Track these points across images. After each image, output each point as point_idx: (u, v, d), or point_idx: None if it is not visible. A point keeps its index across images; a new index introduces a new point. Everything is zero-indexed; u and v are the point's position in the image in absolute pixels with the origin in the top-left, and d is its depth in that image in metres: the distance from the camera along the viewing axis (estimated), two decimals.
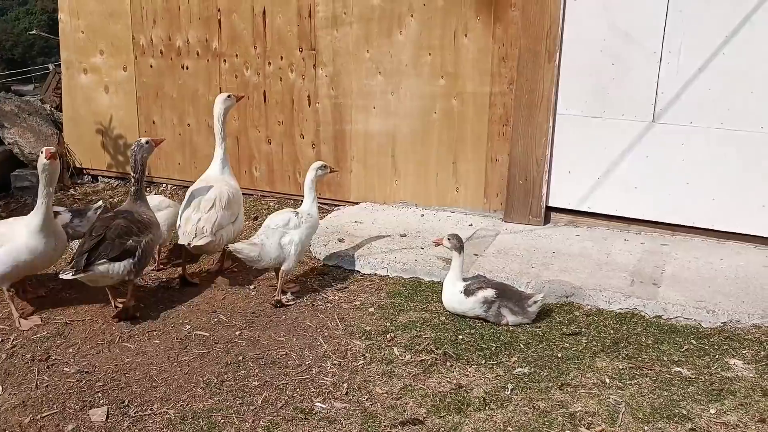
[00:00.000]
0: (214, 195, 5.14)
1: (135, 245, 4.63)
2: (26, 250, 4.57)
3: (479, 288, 4.68)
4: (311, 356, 4.27)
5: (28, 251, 4.58)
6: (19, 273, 4.68)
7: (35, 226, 4.58)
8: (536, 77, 5.88)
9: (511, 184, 6.17)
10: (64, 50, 7.60)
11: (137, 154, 4.93)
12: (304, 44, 6.63)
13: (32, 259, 4.61)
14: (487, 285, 4.70)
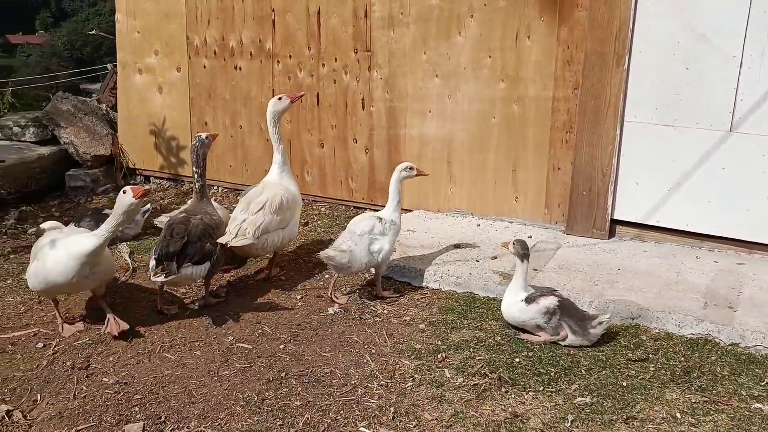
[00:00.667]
0: (266, 198, 5.02)
1: (212, 248, 4.64)
2: (57, 273, 4.23)
3: (542, 295, 4.40)
4: (357, 375, 4.04)
5: (59, 274, 4.24)
6: (51, 292, 4.45)
7: (81, 252, 4.20)
8: (603, 82, 5.53)
9: (574, 194, 5.83)
10: (120, 50, 7.58)
11: (198, 150, 4.95)
12: (359, 45, 6.42)
13: (62, 283, 4.27)
14: (551, 293, 4.43)
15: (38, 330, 4.54)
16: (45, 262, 4.24)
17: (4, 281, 5.28)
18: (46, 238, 4.44)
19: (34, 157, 7.25)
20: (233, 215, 5.05)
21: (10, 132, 7.64)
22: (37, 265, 4.29)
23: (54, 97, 7.79)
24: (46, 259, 4.24)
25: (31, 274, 4.35)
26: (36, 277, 4.30)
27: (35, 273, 4.31)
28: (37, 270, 4.28)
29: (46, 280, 4.26)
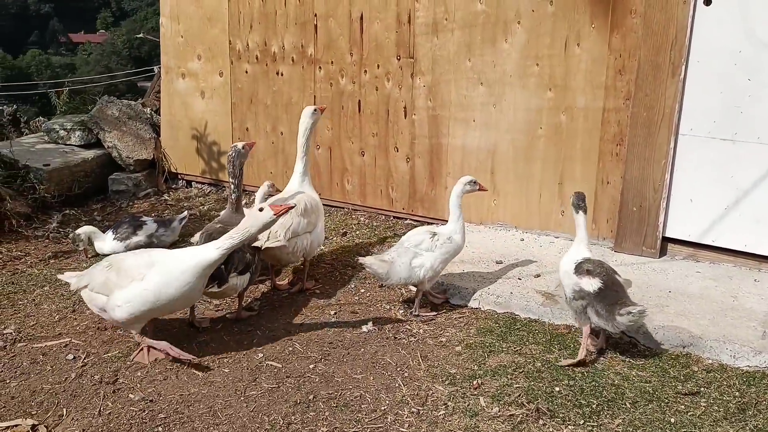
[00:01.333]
0: (290, 202, 4.91)
1: (252, 258, 4.61)
2: (174, 288, 3.94)
3: (588, 273, 4.21)
4: (388, 400, 3.87)
5: (176, 289, 3.94)
6: (153, 314, 4.11)
7: (202, 264, 3.95)
8: (657, 92, 5.23)
9: (623, 209, 5.54)
10: (164, 54, 7.56)
11: (235, 160, 4.87)
12: (401, 52, 6.24)
13: (176, 300, 4.00)
14: (599, 276, 4.17)
15: (70, 340, 4.51)
16: (153, 280, 3.91)
17: (41, 288, 5.27)
18: (130, 259, 4.06)
19: (78, 160, 7.28)
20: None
21: (57, 135, 7.70)
22: (139, 286, 3.92)
23: (99, 101, 7.83)
24: (154, 276, 3.92)
25: (123, 299, 3.96)
26: (135, 300, 3.93)
27: (134, 296, 3.93)
28: (140, 292, 3.92)
29: (157, 298, 3.92)
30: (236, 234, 3.96)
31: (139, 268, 3.95)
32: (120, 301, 3.95)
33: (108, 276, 4.03)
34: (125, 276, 3.97)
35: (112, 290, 3.99)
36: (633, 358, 4.26)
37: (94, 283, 4.10)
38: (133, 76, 40.17)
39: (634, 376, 4.07)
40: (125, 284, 3.96)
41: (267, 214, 3.96)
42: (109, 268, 4.07)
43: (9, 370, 4.17)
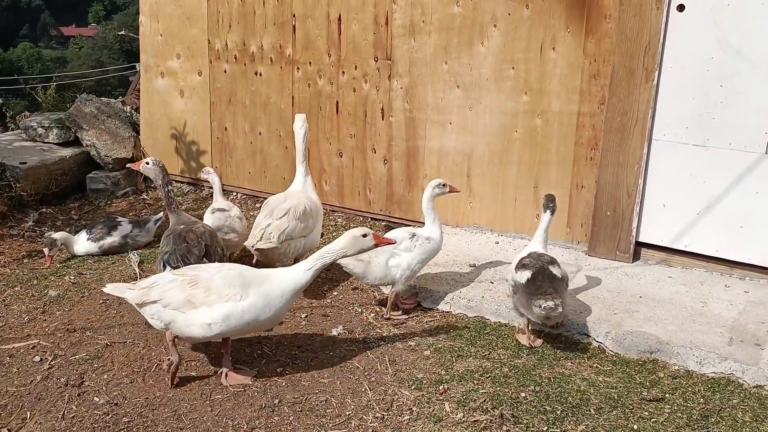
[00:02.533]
0: (290, 205, 5.04)
1: (222, 252, 4.72)
2: (273, 309, 3.91)
3: (523, 267, 4.44)
4: (353, 405, 3.87)
5: (275, 310, 3.91)
6: (239, 334, 4.08)
7: (296, 287, 3.94)
8: (631, 97, 5.24)
9: (597, 214, 5.56)
10: (144, 53, 7.53)
11: (162, 172, 4.97)
12: (379, 53, 6.24)
13: (269, 322, 4.00)
14: (530, 267, 4.39)
15: (38, 342, 4.49)
16: (254, 303, 3.84)
17: (12, 288, 5.25)
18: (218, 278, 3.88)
19: (55, 158, 7.24)
20: (257, 221, 5.08)
21: (35, 133, 7.66)
22: (236, 307, 3.82)
23: (78, 99, 7.79)
24: (255, 299, 3.84)
25: (213, 318, 3.82)
26: (231, 319, 3.82)
27: (229, 316, 3.81)
28: (238, 313, 3.82)
29: (255, 320, 3.86)
30: (329, 254, 3.93)
31: (233, 288, 3.83)
32: (210, 319, 3.80)
33: (192, 293, 3.84)
34: (216, 295, 3.82)
35: (197, 308, 3.83)
36: (600, 364, 4.28)
37: (169, 300, 3.87)
38: (124, 71, 39.92)
39: (600, 381, 4.09)
40: (216, 303, 3.82)
41: (369, 242, 3.94)
42: (192, 285, 3.86)
43: None
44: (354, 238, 3.92)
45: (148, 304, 3.92)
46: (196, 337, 3.90)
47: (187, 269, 4.08)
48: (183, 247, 4.51)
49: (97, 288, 5.24)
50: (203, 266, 4.09)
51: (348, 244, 3.92)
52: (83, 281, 5.39)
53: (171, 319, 3.88)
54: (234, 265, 4.07)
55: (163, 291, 3.89)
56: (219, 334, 3.86)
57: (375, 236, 3.97)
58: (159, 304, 3.89)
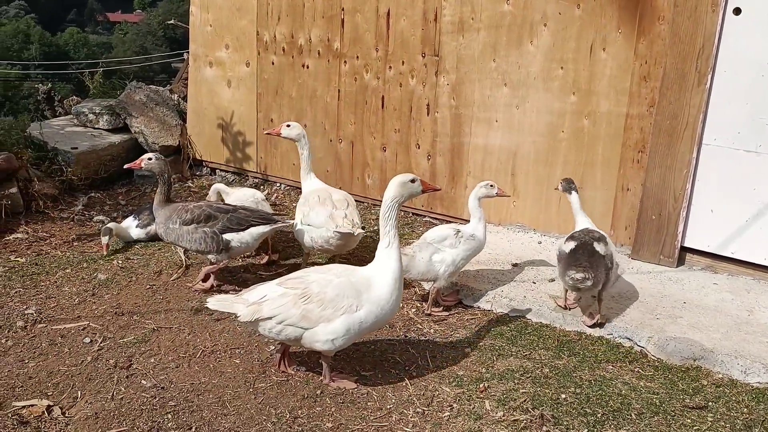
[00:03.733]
0: (342, 195, 5.18)
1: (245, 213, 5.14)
2: (388, 309, 3.84)
3: (570, 238, 4.67)
4: (394, 399, 3.91)
5: (389, 309, 3.85)
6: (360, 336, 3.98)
7: (398, 276, 3.84)
8: (682, 101, 5.18)
9: (642, 217, 5.51)
10: (193, 43, 7.65)
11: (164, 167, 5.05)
12: (427, 49, 6.25)
13: (387, 319, 3.93)
14: (576, 240, 4.63)
15: (88, 324, 4.62)
16: (370, 311, 3.79)
17: (63, 270, 5.40)
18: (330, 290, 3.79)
19: (105, 144, 7.41)
20: (325, 212, 4.96)
21: (86, 119, 7.83)
22: (354, 319, 3.76)
23: (128, 86, 7.94)
24: (370, 307, 3.79)
25: (335, 333, 3.77)
26: (351, 332, 3.79)
27: (349, 328, 3.77)
28: (357, 326, 3.78)
29: (373, 325, 3.85)
30: (387, 211, 3.83)
31: (347, 298, 3.77)
32: (332, 335, 3.76)
33: (308, 308, 3.76)
34: (332, 308, 3.76)
35: (317, 323, 3.77)
36: (642, 369, 4.26)
37: (284, 316, 3.79)
38: (167, 58, 40.49)
39: (642, 386, 4.07)
40: (333, 317, 3.76)
41: (417, 187, 3.88)
42: (306, 301, 3.78)
43: (28, 350, 4.29)
44: (402, 184, 3.85)
45: (262, 320, 3.83)
46: (324, 350, 3.85)
47: (293, 280, 3.93)
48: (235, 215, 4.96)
49: (144, 273, 5.37)
50: (310, 276, 3.91)
51: (398, 191, 3.84)
52: (130, 266, 5.52)
53: (296, 335, 3.82)
54: (339, 270, 3.93)
55: (276, 307, 3.80)
56: (342, 345, 3.84)
57: (422, 182, 3.91)
58: (274, 320, 3.81)
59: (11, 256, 5.59)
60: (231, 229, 4.93)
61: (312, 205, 5.06)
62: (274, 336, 3.89)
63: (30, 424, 3.61)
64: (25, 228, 6.13)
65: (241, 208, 5.09)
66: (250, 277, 5.43)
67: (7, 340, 4.37)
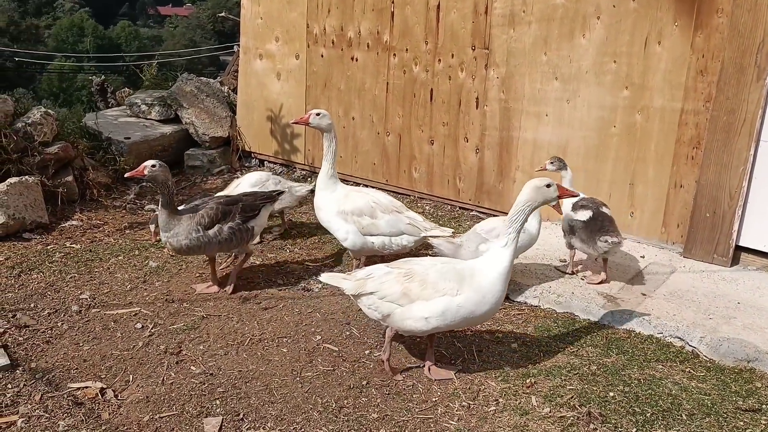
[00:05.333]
0: (386, 197, 5.15)
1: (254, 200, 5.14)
2: (490, 301, 3.78)
3: (582, 207, 4.91)
4: (439, 392, 3.91)
5: (492, 301, 3.78)
6: (456, 327, 3.96)
7: (506, 271, 3.77)
8: (739, 96, 5.05)
9: (696, 215, 5.39)
10: (243, 36, 7.73)
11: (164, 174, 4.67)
12: (477, 42, 6.20)
13: (488, 312, 3.84)
14: (589, 208, 4.87)
15: (140, 310, 4.71)
16: (470, 298, 3.74)
17: (116, 257, 5.52)
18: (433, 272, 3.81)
19: (156, 135, 7.55)
20: (407, 215, 4.99)
21: (138, 110, 7.99)
22: (452, 302, 3.74)
23: (179, 78, 8.07)
24: (470, 294, 3.74)
25: (431, 312, 3.76)
26: (448, 314, 3.76)
27: (446, 311, 3.75)
28: (454, 308, 3.75)
29: (471, 314, 3.77)
30: (516, 214, 3.75)
31: (448, 282, 3.77)
32: (428, 313, 3.76)
33: (408, 287, 3.80)
34: (432, 289, 3.77)
35: (414, 301, 3.80)
36: (694, 369, 4.17)
37: (385, 292, 3.85)
38: (215, 51, 41.02)
39: (693, 387, 3.99)
40: (432, 297, 3.77)
41: (553, 193, 3.74)
42: (408, 279, 3.82)
43: (83, 333, 4.40)
44: (537, 189, 3.72)
45: (364, 295, 3.92)
46: (413, 330, 3.85)
47: (401, 262, 3.99)
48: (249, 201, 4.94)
49: (194, 261, 5.45)
50: (417, 259, 4.01)
51: (531, 196, 3.73)
52: None
53: (389, 311, 3.86)
54: (446, 259, 4.03)
55: (380, 283, 3.87)
56: (435, 328, 3.81)
57: (559, 186, 3.75)
58: (375, 295, 3.87)
59: (67, 242, 5.75)
60: (249, 217, 4.91)
61: (373, 213, 4.94)
62: (372, 312, 3.94)
63: (84, 405, 3.70)
64: (80, 215, 6.29)
65: (240, 195, 5.07)
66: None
67: (63, 323, 4.50)
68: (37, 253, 5.48)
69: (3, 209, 5.59)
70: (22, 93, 12.63)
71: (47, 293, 4.87)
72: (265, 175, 5.90)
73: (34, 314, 4.58)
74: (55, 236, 5.85)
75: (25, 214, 5.75)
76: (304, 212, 6.62)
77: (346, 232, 4.96)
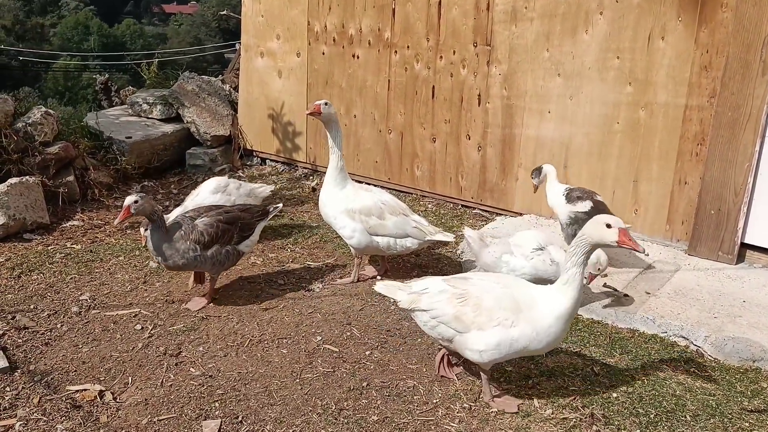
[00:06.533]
0: (393, 198, 5.12)
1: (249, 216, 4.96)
2: (546, 340, 3.51)
3: (579, 198, 4.94)
4: (440, 393, 3.87)
5: (548, 340, 3.52)
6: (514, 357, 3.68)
7: (568, 314, 3.48)
8: (744, 92, 4.98)
9: (700, 212, 5.33)
10: (245, 33, 7.69)
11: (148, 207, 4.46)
12: (478, 39, 6.15)
13: (545, 348, 3.57)
14: (588, 199, 4.93)
15: (139, 311, 4.69)
16: (524, 333, 3.49)
17: (117, 257, 5.49)
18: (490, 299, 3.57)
19: (158, 134, 7.52)
20: (416, 218, 5.02)
21: (140, 108, 7.96)
22: (507, 335, 3.50)
23: (180, 77, 8.04)
24: (525, 328, 3.49)
25: (486, 345, 3.54)
26: (502, 347, 3.53)
27: (500, 343, 3.52)
28: (508, 342, 3.51)
29: (525, 348, 3.53)
30: (576, 248, 3.40)
31: (503, 312, 3.53)
32: (482, 345, 3.56)
33: (462, 311, 3.61)
34: (487, 317, 3.55)
35: (468, 328, 3.59)
36: (698, 369, 4.12)
37: (439, 313, 3.68)
38: (220, 49, 41.02)
39: (697, 387, 3.94)
40: (486, 326, 3.55)
41: (612, 236, 3.32)
42: (462, 302, 3.63)
43: (82, 335, 4.37)
44: (597, 224, 3.36)
45: (418, 311, 3.78)
46: (473, 360, 3.67)
47: (459, 279, 3.80)
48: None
49: None
50: (476, 277, 3.79)
51: (592, 233, 3.37)
52: None
53: (446, 335, 3.70)
54: (505, 281, 3.72)
55: (434, 301, 3.71)
56: (491, 361, 3.61)
57: (621, 231, 3.32)
58: (428, 314, 3.72)
59: (68, 243, 5.73)
60: (244, 237, 4.76)
61: (381, 214, 4.91)
62: (429, 330, 3.78)
63: (83, 408, 3.68)
64: (81, 215, 6.27)
65: (237, 211, 4.83)
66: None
67: (63, 325, 4.47)
68: (38, 253, 5.45)
69: (3, 210, 5.58)
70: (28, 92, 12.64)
71: (47, 294, 4.85)
72: (224, 180, 5.75)
73: (33, 316, 4.56)
74: (55, 237, 5.82)
75: (25, 215, 5.73)
76: (306, 211, 6.58)
77: (352, 230, 4.93)
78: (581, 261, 3.40)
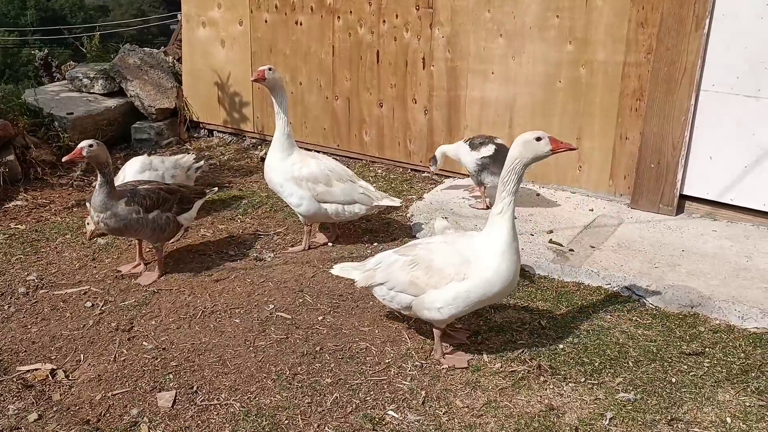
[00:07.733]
0: (338, 164, 5.17)
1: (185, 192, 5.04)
2: (499, 281, 3.54)
3: (482, 144, 5.39)
4: (392, 353, 3.95)
5: (501, 281, 3.54)
6: (472, 310, 3.76)
7: (510, 246, 3.50)
8: (679, 47, 5.10)
9: (641, 166, 5.48)
10: (185, 3, 7.54)
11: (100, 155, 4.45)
12: (421, 2, 6.14)
13: (501, 292, 3.61)
14: (490, 143, 5.36)
15: (89, 288, 4.65)
16: (476, 281, 3.53)
17: (63, 236, 5.42)
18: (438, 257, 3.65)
19: (101, 109, 7.36)
20: (364, 184, 5.10)
21: (80, 84, 7.78)
22: (461, 287, 3.56)
23: (121, 50, 7.86)
24: (475, 276, 3.54)
25: (444, 301, 3.60)
26: (458, 301, 3.59)
27: (455, 298, 3.58)
28: (463, 295, 3.56)
29: (483, 297, 3.57)
30: (507, 175, 3.43)
31: (453, 267, 3.58)
32: (440, 303, 3.61)
33: (415, 275, 3.67)
34: (439, 276, 3.62)
35: (424, 290, 3.66)
36: (640, 317, 4.28)
37: (394, 282, 3.75)
38: (165, 20, 39.99)
39: (639, 335, 4.09)
40: (440, 284, 3.61)
41: (545, 147, 3.36)
42: (414, 267, 3.68)
43: (30, 315, 4.33)
44: (525, 143, 3.38)
45: (375, 286, 3.86)
46: (431, 320, 3.74)
47: (408, 247, 3.87)
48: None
49: None
50: (423, 242, 3.87)
51: (520, 152, 3.39)
52: None
53: (406, 302, 3.76)
54: (450, 238, 3.79)
55: (387, 273, 3.77)
56: (452, 316, 3.67)
57: (552, 139, 3.37)
58: (385, 286, 3.80)
59: (11, 223, 5.62)
60: (183, 209, 4.80)
61: (328, 181, 4.94)
62: (389, 303, 3.86)
63: (35, 387, 3.66)
64: (25, 195, 6.14)
65: (176, 186, 4.95)
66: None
67: (10, 306, 4.42)
68: None
69: None
70: None
71: None
72: (147, 159, 5.64)
73: None
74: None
75: None
76: (255, 181, 6.56)
77: (300, 198, 4.94)
78: (515, 189, 3.46)
